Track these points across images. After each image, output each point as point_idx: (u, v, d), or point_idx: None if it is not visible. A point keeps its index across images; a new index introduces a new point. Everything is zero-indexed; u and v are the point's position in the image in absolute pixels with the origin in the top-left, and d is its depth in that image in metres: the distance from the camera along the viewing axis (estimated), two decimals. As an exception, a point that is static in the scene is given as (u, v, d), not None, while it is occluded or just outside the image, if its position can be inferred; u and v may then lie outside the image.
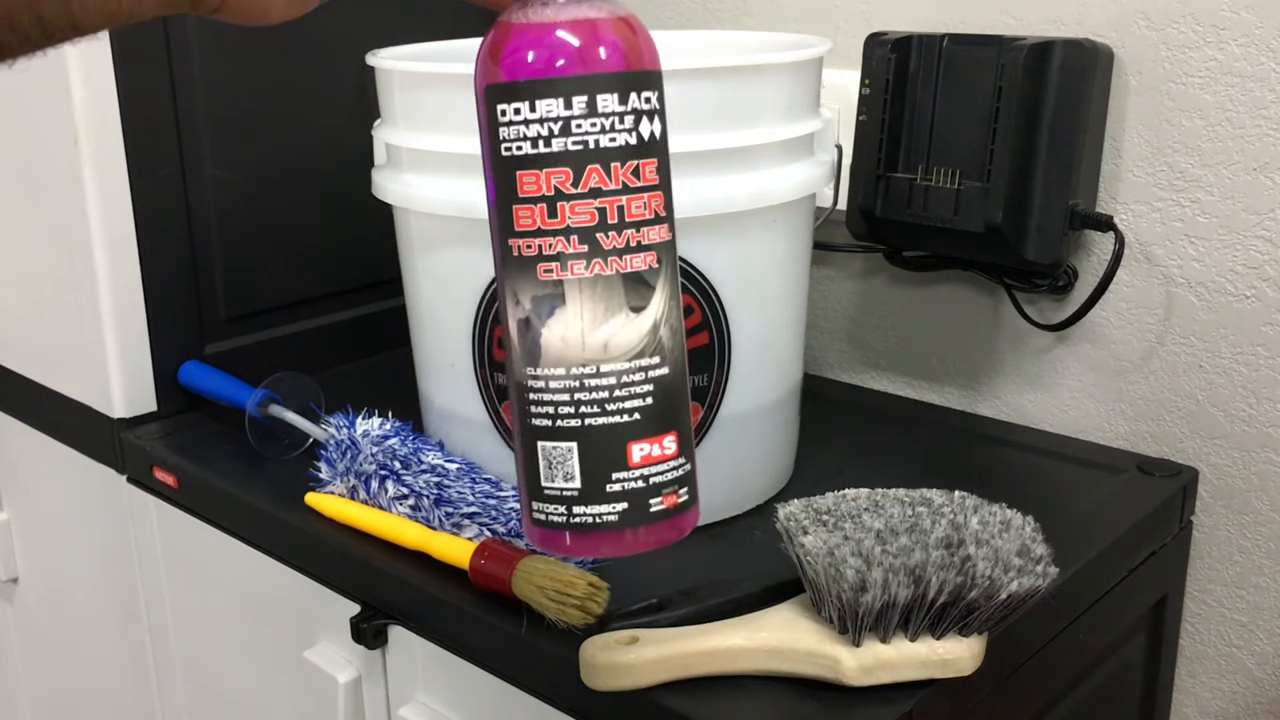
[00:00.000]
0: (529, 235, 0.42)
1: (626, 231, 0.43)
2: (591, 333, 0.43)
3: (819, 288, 1.05)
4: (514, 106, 0.42)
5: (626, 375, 0.43)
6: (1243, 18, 0.80)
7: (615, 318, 0.43)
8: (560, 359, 0.43)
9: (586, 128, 0.42)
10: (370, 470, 0.77)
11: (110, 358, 0.92)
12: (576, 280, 0.42)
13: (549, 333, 0.43)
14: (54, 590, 1.11)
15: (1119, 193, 0.88)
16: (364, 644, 0.75)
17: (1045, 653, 0.72)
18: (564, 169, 0.42)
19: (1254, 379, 0.84)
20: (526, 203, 0.42)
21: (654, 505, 0.45)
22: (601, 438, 0.44)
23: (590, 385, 0.43)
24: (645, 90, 0.43)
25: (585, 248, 0.42)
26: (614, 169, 0.42)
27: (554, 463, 0.44)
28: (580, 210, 0.42)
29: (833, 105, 0.94)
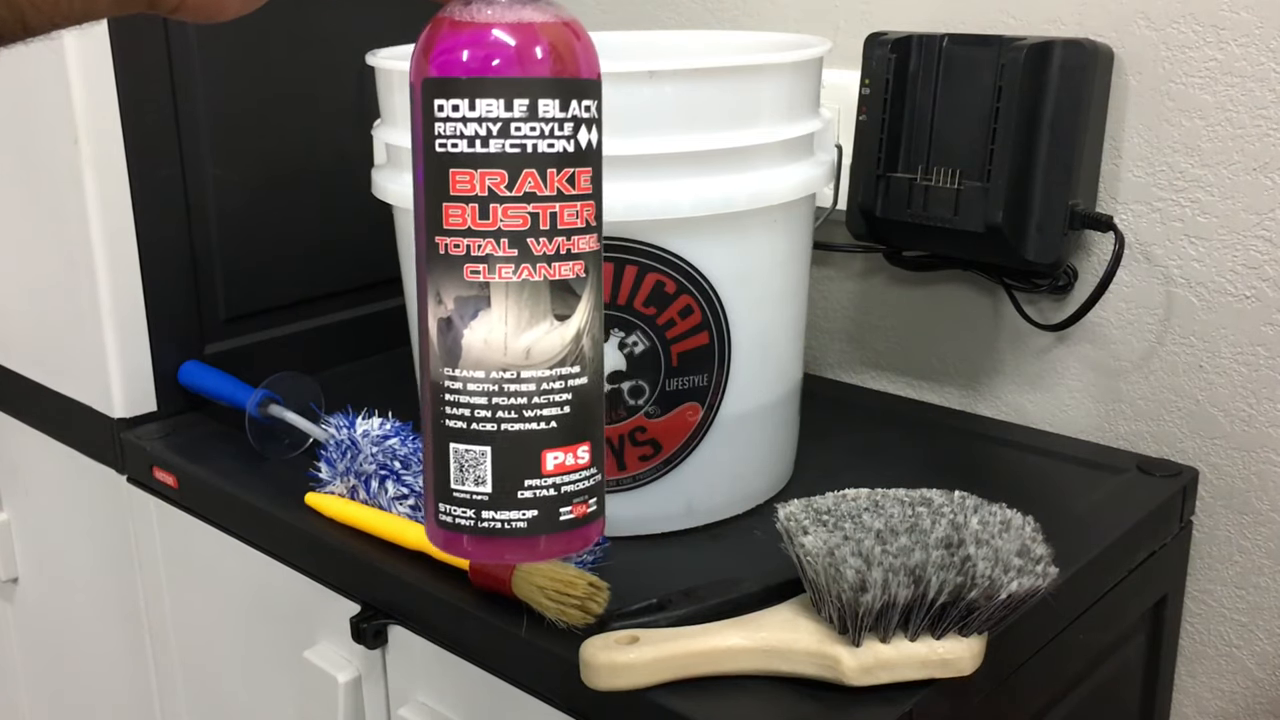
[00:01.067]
0: (458, 234, 0.42)
1: (557, 239, 0.42)
2: (515, 338, 0.42)
3: (819, 288, 1.05)
4: (453, 103, 0.41)
5: (546, 383, 0.43)
6: (1243, 18, 0.80)
7: (540, 324, 0.43)
8: (481, 362, 0.42)
9: (526, 131, 0.41)
10: (370, 470, 0.77)
11: (110, 358, 0.92)
12: (504, 284, 0.42)
13: (471, 334, 0.42)
14: (54, 590, 1.11)
15: (1119, 193, 0.88)
16: (364, 644, 0.75)
17: (1045, 653, 0.72)
18: (499, 171, 0.41)
19: (1254, 379, 0.84)
20: (458, 201, 0.42)
21: (563, 514, 0.44)
22: (516, 444, 0.43)
23: (509, 390, 0.43)
24: (586, 98, 0.43)
25: (515, 252, 0.42)
26: (550, 175, 0.42)
27: (465, 466, 0.44)
28: (513, 214, 0.42)
29: (833, 105, 0.94)
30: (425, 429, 0.45)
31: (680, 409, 0.74)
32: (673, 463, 0.76)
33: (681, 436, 0.75)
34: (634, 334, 0.72)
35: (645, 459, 0.75)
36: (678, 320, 0.72)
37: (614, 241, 0.70)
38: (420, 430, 0.83)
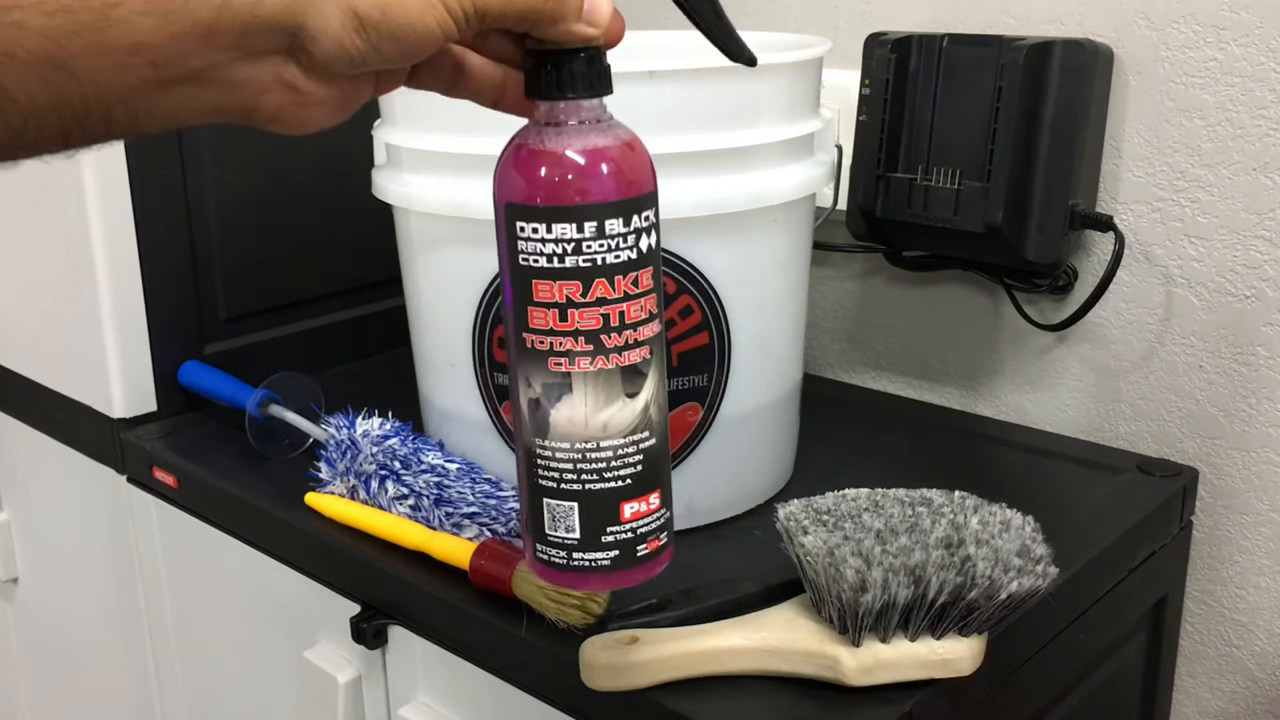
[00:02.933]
0: (542, 333, 0.48)
1: (626, 332, 0.49)
2: (594, 416, 0.49)
3: (819, 288, 1.05)
4: (532, 226, 0.47)
5: (621, 449, 0.50)
6: (1243, 18, 0.80)
7: (614, 403, 0.49)
8: (566, 435, 0.49)
9: (595, 248, 0.47)
10: (370, 470, 0.77)
11: (110, 358, 0.92)
12: (582, 374, 0.49)
13: (557, 414, 0.49)
14: (54, 590, 1.11)
15: (1119, 193, 0.88)
16: (364, 644, 0.75)
17: (1045, 653, 0.72)
18: (575, 282, 0.47)
19: (1254, 379, 0.84)
20: (541, 307, 0.48)
21: (640, 551, 0.51)
22: (599, 499, 0.50)
23: (591, 457, 0.50)
24: (645, 210, 0.48)
25: (590, 347, 0.48)
26: (617, 281, 0.48)
27: (557, 517, 0.51)
28: (587, 316, 0.48)
29: (833, 105, 0.94)
30: (521, 481, 0.52)
31: (680, 409, 0.74)
32: (673, 463, 0.76)
33: (681, 436, 0.75)
34: (634, 334, 0.72)
35: (645, 459, 0.75)
36: (678, 320, 0.72)
37: (614, 241, 0.70)
38: (421, 430, 0.83)
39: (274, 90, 0.42)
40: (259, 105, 0.43)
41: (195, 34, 0.39)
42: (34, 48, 0.37)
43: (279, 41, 0.41)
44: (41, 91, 0.38)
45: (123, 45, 0.38)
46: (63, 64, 0.37)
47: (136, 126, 0.41)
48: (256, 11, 0.40)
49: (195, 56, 0.40)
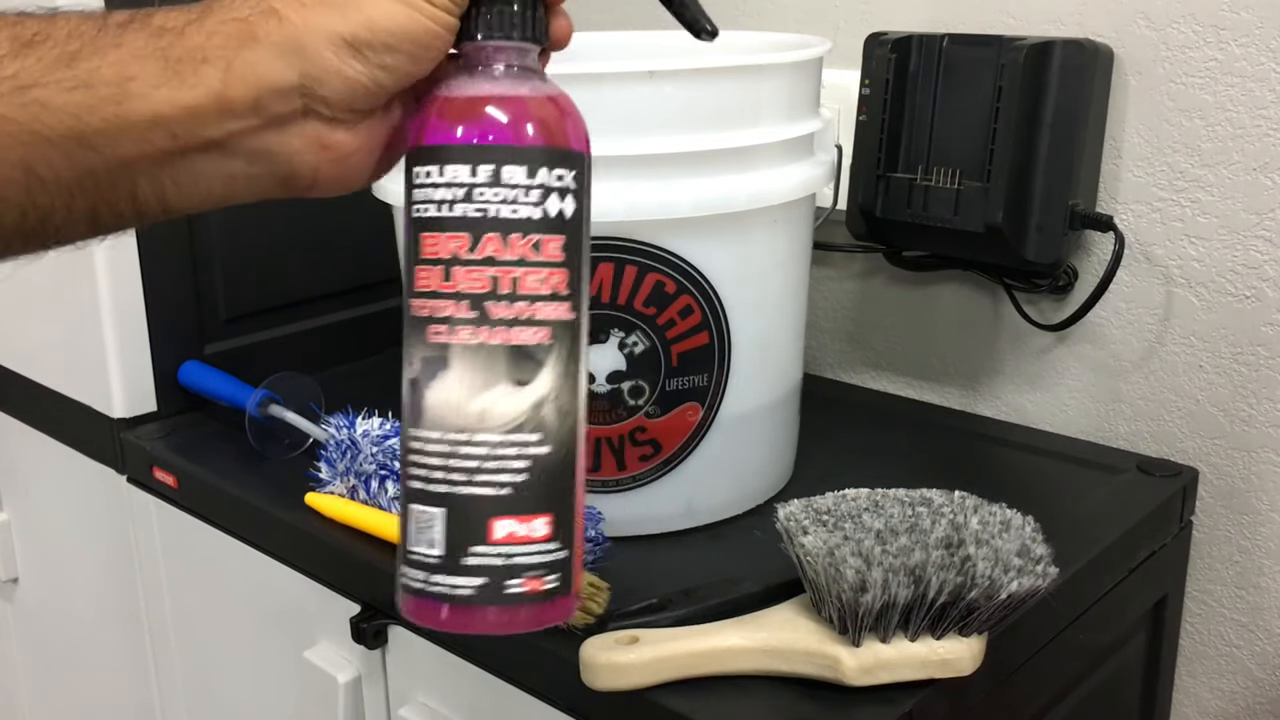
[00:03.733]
0: (425, 296, 0.43)
1: (519, 304, 0.42)
2: (470, 399, 0.42)
3: (819, 288, 1.05)
4: (426, 169, 0.43)
5: (500, 448, 0.42)
6: (1243, 18, 0.80)
7: (495, 388, 0.42)
8: (438, 422, 0.43)
9: (489, 196, 0.42)
10: (370, 470, 0.77)
11: (110, 358, 0.92)
12: (461, 345, 0.42)
13: (431, 394, 0.43)
14: (54, 590, 1.11)
15: (1119, 193, 0.88)
16: (364, 644, 0.75)
17: (1045, 653, 0.72)
18: (462, 234, 0.42)
19: (1254, 379, 0.84)
20: (426, 264, 0.43)
21: (511, 586, 0.43)
22: (465, 508, 0.42)
23: (462, 453, 0.42)
24: (560, 168, 0.43)
25: (474, 314, 0.42)
26: (512, 240, 0.42)
27: (420, 527, 0.43)
28: (473, 276, 0.42)
29: (833, 105, 0.94)
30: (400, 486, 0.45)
31: (680, 409, 0.74)
32: (673, 463, 0.76)
33: (681, 436, 0.75)
34: (634, 334, 0.72)
35: (645, 459, 0.75)
36: (678, 320, 0.72)
37: (614, 241, 0.70)
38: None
39: (306, 153, 0.43)
40: (295, 171, 0.43)
41: (209, 103, 0.40)
42: (57, 124, 0.38)
43: (294, 103, 0.41)
44: (67, 168, 0.38)
45: (141, 118, 0.39)
46: (85, 139, 0.38)
47: (165, 203, 0.41)
48: (259, 71, 0.40)
49: (212, 126, 0.40)
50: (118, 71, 0.39)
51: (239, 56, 0.40)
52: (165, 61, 0.39)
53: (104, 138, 0.39)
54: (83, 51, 0.38)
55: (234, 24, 0.40)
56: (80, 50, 0.38)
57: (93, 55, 0.39)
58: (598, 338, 0.72)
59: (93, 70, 0.38)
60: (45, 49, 0.38)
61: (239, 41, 0.40)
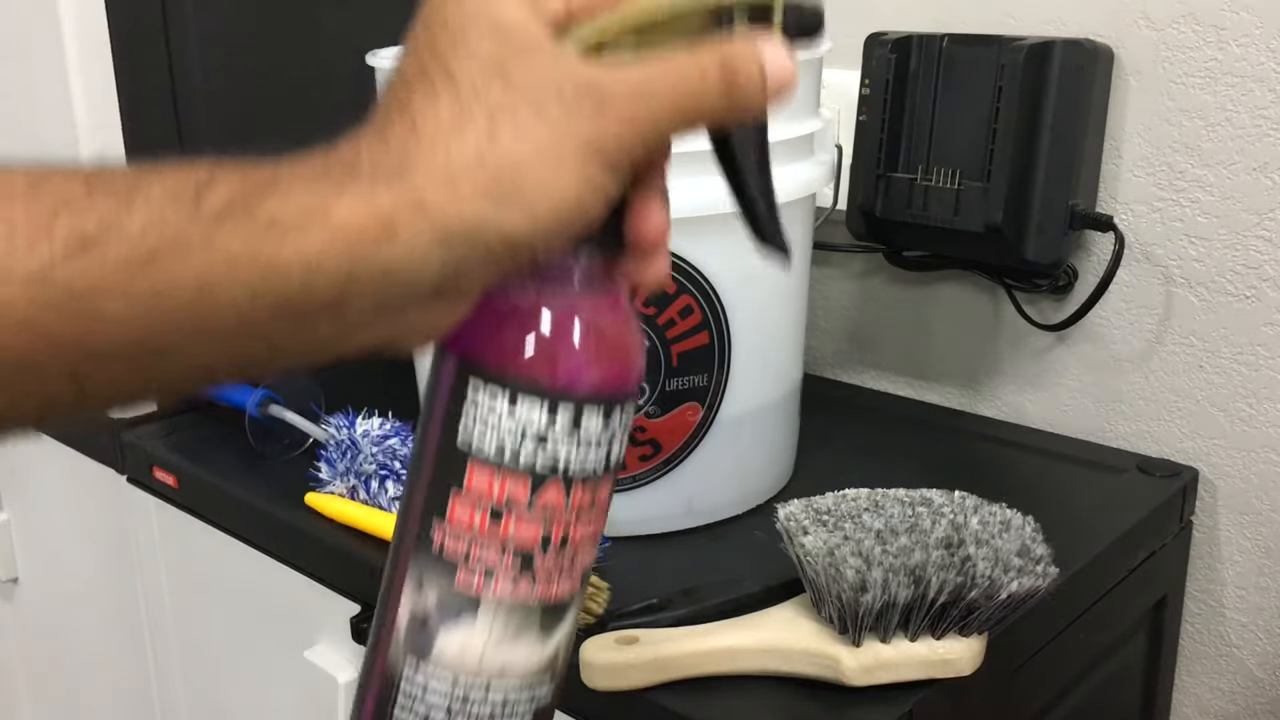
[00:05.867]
0: (460, 534, 0.37)
1: (564, 557, 0.38)
2: (494, 653, 0.38)
3: (819, 288, 1.05)
4: (491, 395, 0.36)
5: (513, 699, 0.39)
6: (1243, 18, 0.80)
7: (524, 642, 0.39)
8: (451, 667, 0.38)
9: (563, 444, 0.37)
10: (370, 470, 0.77)
11: (110, 358, 0.92)
12: (495, 599, 0.38)
13: (447, 639, 0.38)
14: (54, 590, 1.11)
15: (1119, 193, 0.88)
16: (364, 644, 0.75)
17: (1045, 653, 0.72)
18: (524, 480, 0.37)
19: (1254, 379, 0.84)
20: (469, 501, 0.37)
21: None
22: None
23: (473, 701, 0.39)
24: (626, 408, 0.38)
25: (518, 568, 0.38)
26: (575, 490, 0.37)
27: None
28: (526, 528, 0.37)
29: (833, 105, 0.94)
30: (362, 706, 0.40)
31: (680, 409, 0.74)
32: (673, 463, 0.76)
33: (681, 436, 0.75)
34: (634, 334, 0.72)
35: (645, 459, 0.75)
36: (678, 320, 0.72)
37: (614, 241, 0.70)
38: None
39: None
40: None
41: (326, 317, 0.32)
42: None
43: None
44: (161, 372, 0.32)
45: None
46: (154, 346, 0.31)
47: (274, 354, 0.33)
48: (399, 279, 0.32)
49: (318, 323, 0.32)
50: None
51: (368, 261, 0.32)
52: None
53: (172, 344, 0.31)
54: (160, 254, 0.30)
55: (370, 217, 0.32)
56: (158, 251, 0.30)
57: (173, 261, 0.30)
58: (598, 338, 0.72)
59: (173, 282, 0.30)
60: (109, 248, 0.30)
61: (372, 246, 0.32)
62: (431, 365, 0.38)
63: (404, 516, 0.39)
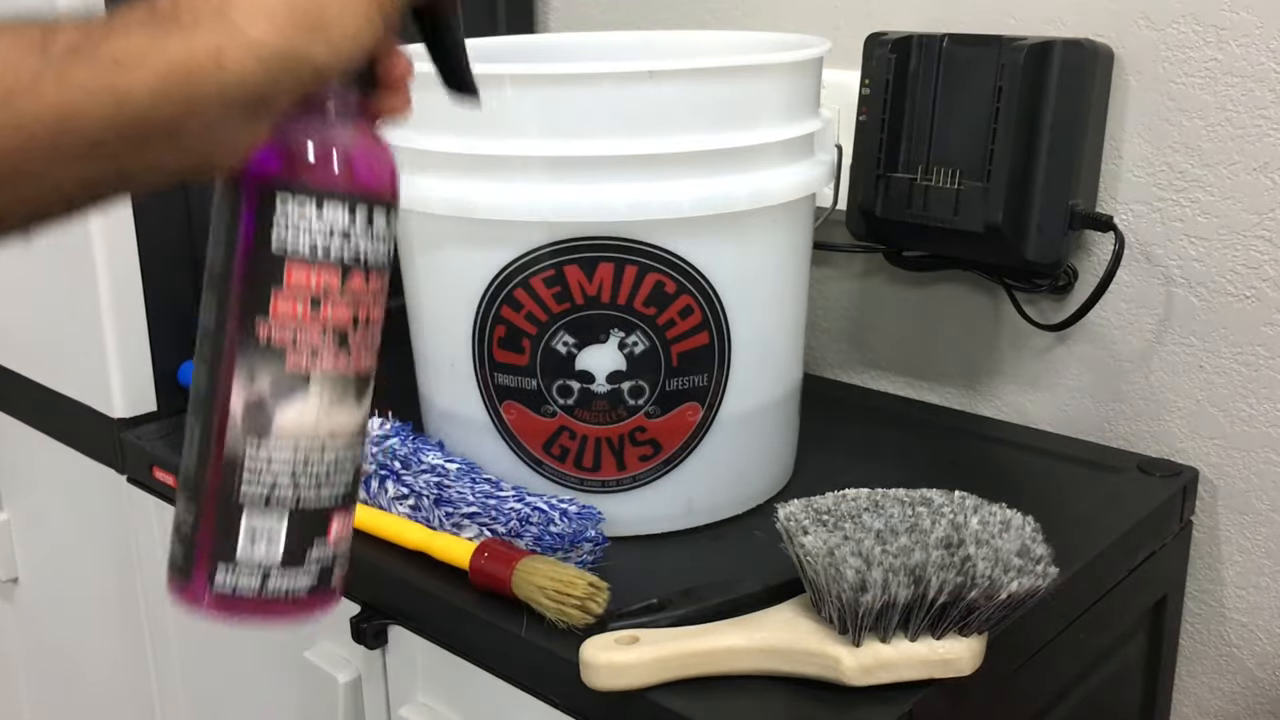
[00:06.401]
0: (285, 325, 0.45)
1: (369, 331, 0.47)
2: (326, 419, 0.46)
3: (819, 288, 1.05)
4: (300, 208, 0.44)
5: (343, 456, 0.47)
6: (1243, 18, 0.80)
7: (346, 406, 0.46)
8: (292, 438, 0.45)
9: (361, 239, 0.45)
10: (370, 470, 0.77)
11: (110, 358, 0.92)
12: (322, 374, 0.45)
13: (283, 414, 0.45)
14: (54, 590, 1.11)
15: (1119, 193, 0.88)
16: (364, 644, 0.75)
17: (1045, 653, 0.72)
18: (334, 271, 0.45)
19: (1254, 379, 0.84)
20: (290, 295, 0.45)
21: (334, 578, 0.48)
22: (313, 513, 0.46)
23: (313, 463, 0.46)
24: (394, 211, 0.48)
25: (336, 345, 0.45)
26: (373, 277, 0.46)
27: (258, 534, 0.46)
28: (340, 311, 0.45)
29: (833, 105, 0.94)
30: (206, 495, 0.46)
31: (680, 409, 0.74)
32: (673, 463, 0.76)
33: (681, 436, 0.75)
34: (634, 334, 0.72)
35: (645, 459, 0.75)
36: (678, 320, 0.72)
37: (614, 241, 0.70)
38: (421, 430, 0.83)
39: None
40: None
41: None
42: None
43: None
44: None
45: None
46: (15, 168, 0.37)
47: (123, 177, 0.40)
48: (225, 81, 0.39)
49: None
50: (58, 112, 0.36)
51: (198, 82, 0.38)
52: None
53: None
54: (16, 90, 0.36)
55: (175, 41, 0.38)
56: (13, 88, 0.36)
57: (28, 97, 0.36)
58: (598, 338, 0.72)
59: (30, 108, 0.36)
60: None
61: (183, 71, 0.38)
62: (220, 199, 0.45)
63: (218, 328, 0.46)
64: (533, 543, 0.70)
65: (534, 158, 0.70)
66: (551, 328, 0.72)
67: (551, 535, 0.70)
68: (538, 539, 0.70)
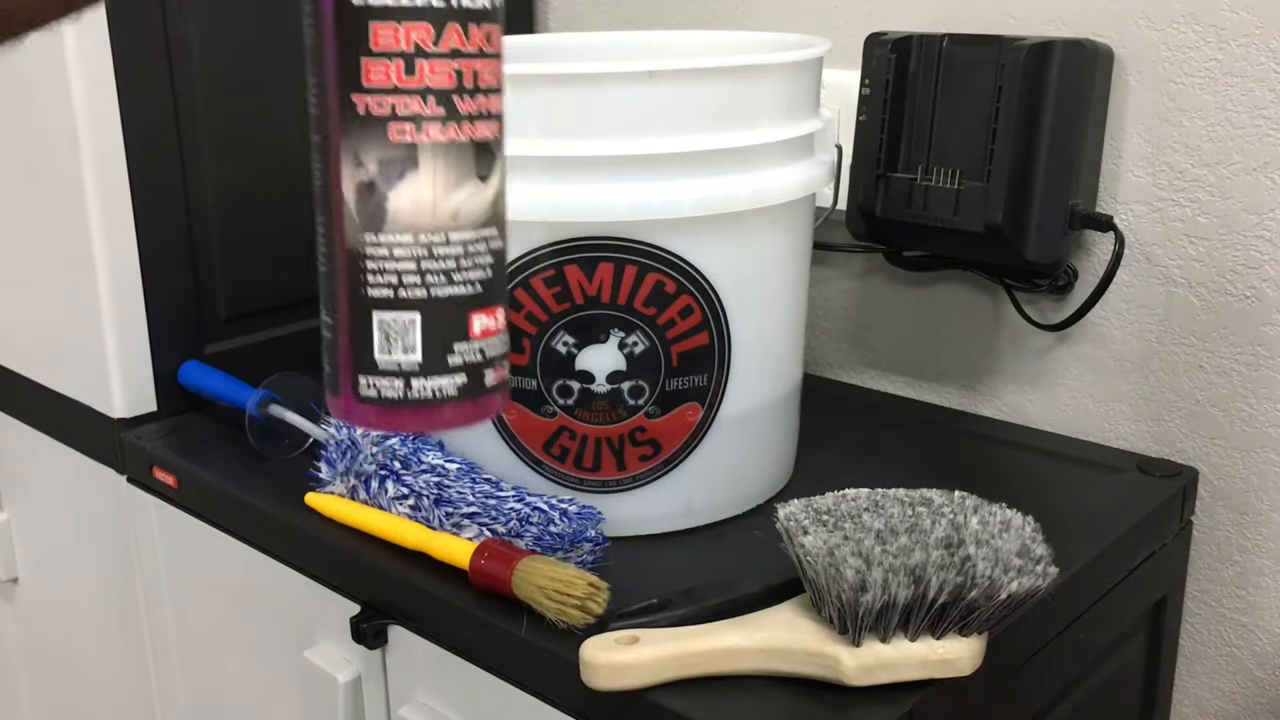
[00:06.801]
0: (382, 92, 0.40)
1: (480, 98, 0.41)
2: (444, 199, 0.41)
3: (819, 288, 1.05)
4: None
5: (473, 244, 0.42)
6: (1243, 18, 0.80)
7: (466, 185, 0.42)
8: (410, 225, 0.41)
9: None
10: (370, 470, 0.77)
11: (110, 358, 0.92)
12: (431, 144, 0.41)
13: (397, 197, 0.41)
14: (54, 590, 1.11)
15: (1119, 193, 0.88)
16: (364, 644, 0.75)
17: (1045, 653, 0.72)
18: (425, 24, 0.40)
19: (1254, 379, 0.84)
20: (380, 57, 0.40)
21: (488, 378, 0.43)
22: (446, 308, 0.42)
23: (439, 253, 0.42)
24: None
25: (442, 110, 0.41)
26: (473, 31, 0.41)
27: (393, 335, 0.42)
28: (439, 70, 0.40)
29: (833, 105, 0.94)
30: (339, 303, 0.43)
31: (680, 409, 0.74)
32: (673, 463, 0.76)
33: (681, 436, 0.75)
34: (634, 334, 0.72)
35: (645, 459, 0.75)
36: (678, 320, 0.72)
37: (614, 241, 0.70)
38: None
39: None
40: None
41: None
42: None
43: None
44: None
45: None
46: None
47: None
48: None
49: None
50: None
51: None
52: None
53: None
54: None
55: None
56: None
57: None
58: (598, 338, 0.72)
59: None
60: None
61: None
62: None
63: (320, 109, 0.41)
64: (533, 543, 0.70)
65: (534, 158, 0.70)
66: (551, 328, 0.72)
67: (551, 535, 0.70)
68: (538, 539, 0.70)
